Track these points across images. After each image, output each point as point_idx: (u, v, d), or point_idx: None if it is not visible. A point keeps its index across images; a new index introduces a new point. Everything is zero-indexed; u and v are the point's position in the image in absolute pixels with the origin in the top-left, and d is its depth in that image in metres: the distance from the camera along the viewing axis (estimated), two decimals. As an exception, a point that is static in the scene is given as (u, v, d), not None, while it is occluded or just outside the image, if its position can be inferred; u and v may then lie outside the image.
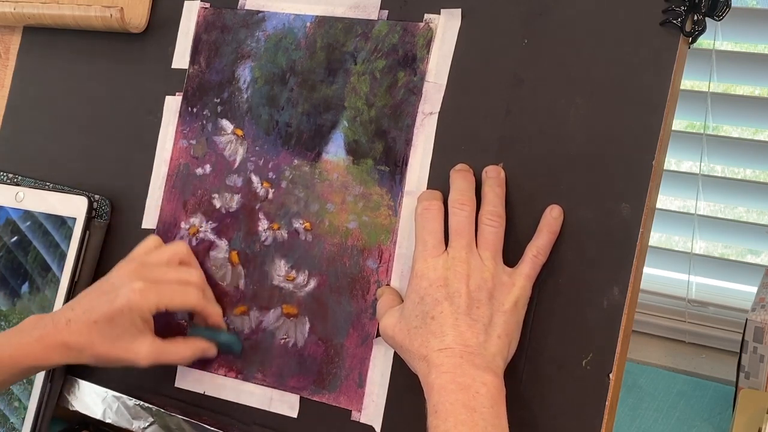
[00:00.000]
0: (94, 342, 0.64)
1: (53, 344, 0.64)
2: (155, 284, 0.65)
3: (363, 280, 0.66)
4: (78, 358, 0.65)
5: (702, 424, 0.87)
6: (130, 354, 0.65)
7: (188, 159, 0.74)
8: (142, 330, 0.65)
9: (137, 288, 0.64)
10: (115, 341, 0.64)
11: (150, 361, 0.65)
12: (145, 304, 0.64)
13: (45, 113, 0.83)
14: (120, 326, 0.64)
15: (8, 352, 0.64)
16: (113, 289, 0.65)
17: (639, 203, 0.58)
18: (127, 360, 0.65)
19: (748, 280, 1.05)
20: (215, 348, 0.69)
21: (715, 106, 1.01)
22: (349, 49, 0.68)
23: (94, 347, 0.64)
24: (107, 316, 0.64)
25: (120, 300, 0.64)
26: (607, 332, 0.58)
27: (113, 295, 0.64)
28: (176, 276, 0.67)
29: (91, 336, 0.64)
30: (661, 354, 1.06)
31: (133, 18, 0.77)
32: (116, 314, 0.64)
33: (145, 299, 0.64)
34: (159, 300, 0.65)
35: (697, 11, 0.57)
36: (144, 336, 0.65)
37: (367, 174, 0.67)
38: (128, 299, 0.64)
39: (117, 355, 0.65)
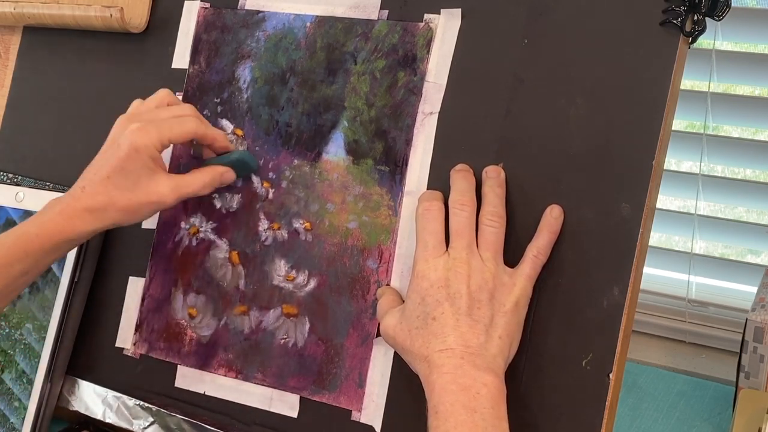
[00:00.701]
0: (114, 196, 0.64)
1: (75, 212, 0.64)
2: (152, 121, 0.65)
3: (363, 280, 0.66)
4: (104, 219, 0.64)
5: (702, 424, 0.87)
6: (153, 196, 0.65)
7: (188, 159, 0.74)
8: (154, 169, 0.65)
9: (135, 128, 0.64)
10: (134, 189, 0.64)
11: (174, 196, 0.65)
12: (149, 140, 0.64)
13: (45, 113, 0.83)
14: (133, 172, 0.64)
15: (34, 231, 0.64)
16: (113, 142, 0.65)
17: (639, 203, 0.58)
18: (153, 203, 0.65)
19: (748, 280, 1.05)
20: (232, 171, 0.69)
21: (715, 106, 1.01)
22: (349, 49, 0.68)
23: (116, 202, 0.64)
24: (118, 167, 0.64)
25: (123, 146, 0.64)
26: (607, 332, 0.58)
27: (115, 146, 0.64)
28: (169, 113, 0.67)
29: (108, 192, 0.64)
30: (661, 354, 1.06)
31: (133, 18, 0.77)
32: (125, 161, 0.64)
33: (147, 136, 0.64)
34: (160, 134, 0.65)
35: (697, 11, 0.57)
36: (159, 174, 0.65)
37: (367, 174, 0.67)
38: (131, 141, 0.64)
39: (139, 200, 0.64)
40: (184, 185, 0.66)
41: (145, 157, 0.64)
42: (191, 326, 0.72)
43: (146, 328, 0.74)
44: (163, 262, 0.74)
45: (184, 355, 0.72)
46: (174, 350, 0.72)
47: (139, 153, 0.64)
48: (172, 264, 0.73)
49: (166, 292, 0.74)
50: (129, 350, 0.75)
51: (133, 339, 0.75)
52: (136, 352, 0.74)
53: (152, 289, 0.74)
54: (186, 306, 0.72)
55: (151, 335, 0.74)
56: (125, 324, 0.75)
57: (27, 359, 0.76)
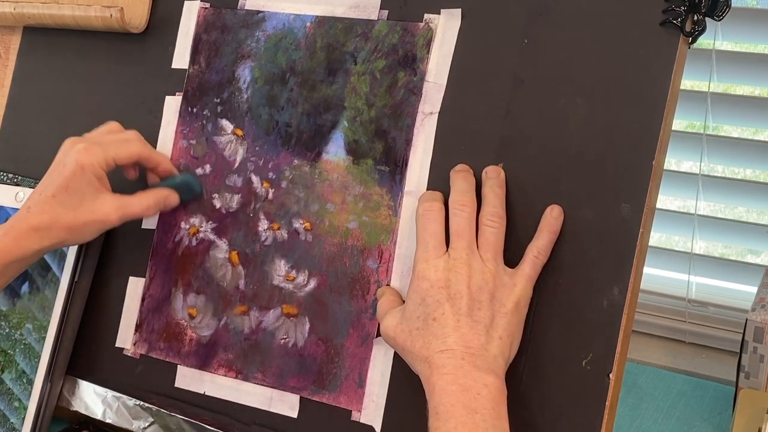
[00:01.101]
0: (59, 215, 0.65)
1: (20, 233, 0.65)
2: (97, 142, 0.68)
3: (363, 280, 0.66)
4: (50, 237, 0.66)
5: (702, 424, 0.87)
6: (97, 214, 0.66)
7: (188, 159, 0.74)
8: (99, 189, 0.67)
9: (81, 148, 0.66)
10: (78, 207, 0.66)
11: (117, 215, 0.67)
12: (94, 159, 0.66)
13: (45, 113, 0.83)
14: (77, 191, 0.65)
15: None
16: (59, 162, 0.67)
17: (639, 203, 0.58)
18: (97, 221, 0.66)
19: (748, 280, 1.05)
20: (176, 194, 0.71)
21: (715, 106, 1.01)
22: (349, 49, 0.68)
23: (60, 220, 0.65)
24: (62, 186, 0.65)
25: (69, 165, 0.66)
26: (607, 332, 0.58)
27: (61, 166, 0.66)
28: (114, 137, 0.70)
29: (53, 210, 0.65)
30: (661, 354, 1.06)
31: (133, 18, 0.77)
32: (70, 179, 0.65)
33: (92, 155, 0.66)
34: (105, 153, 0.67)
35: (697, 11, 0.57)
36: (103, 194, 0.67)
37: (367, 174, 0.67)
38: (76, 160, 0.65)
39: (84, 219, 0.66)
40: (127, 205, 0.68)
41: (89, 176, 0.66)
42: (191, 326, 0.72)
43: (146, 328, 0.74)
44: (163, 262, 0.74)
45: (184, 355, 0.72)
46: (174, 350, 0.72)
47: (84, 171, 0.65)
48: (172, 264, 0.73)
49: (166, 292, 0.74)
50: (129, 350, 0.75)
51: (133, 339, 0.75)
52: (136, 352, 0.74)
53: (152, 289, 0.74)
54: (186, 306, 0.72)
55: (151, 335, 0.74)
56: (125, 324, 0.75)
57: (27, 359, 0.76)
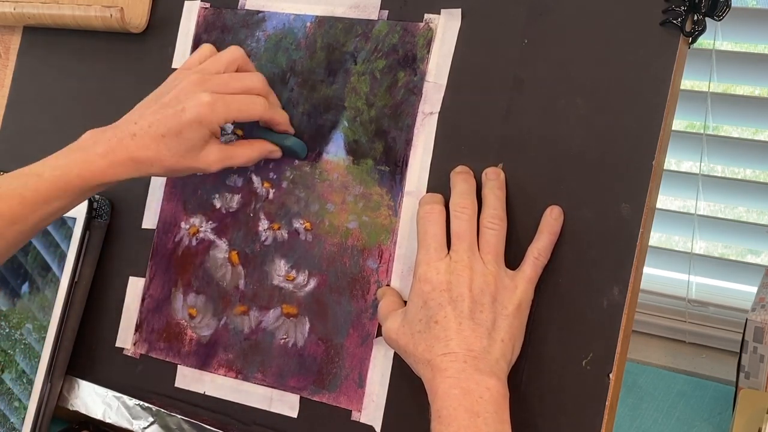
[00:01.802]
0: (163, 155, 0.63)
1: (121, 160, 0.63)
2: (222, 97, 0.63)
3: (363, 280, 0.66)
4: (147, 171, 0.64)
5: (702, 424, 0.87)
6: (200, 163, 0.64)
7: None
8: (209, 140, 0.64)
9: (206, 101, 0.62)
10: (184, 154, 0.63)
11: (219, 165, 0.65)
12: (214, 118, 0.63)
13: (45, 113, 0.83)
14: (189, 140, 0.63)
15: (75, 171, 0.63)
16: (178, 102, 0.63)
17: (639, 203, 0.58)
18: (198, 168, 0.65)
19: (748, 280, 1.05)
20: (280, 151, 0.69)
21: (715, 106, 1.01)
22: (349, 49, 0.68)
23: (163, 161, 0.63)
24: (175, 131, 0.62)
25: (189, 113, 0.62)
26: (607, 332, 0.58)
27: (179, 108, 0.63)
28: (241, 84, 0.65)
29: (159, 150, 0.63)
30: (661, 354, 1.06)
31: (133, 18, 0.77)
32: (185, 128, 0.62)
33: (215, 112, 0.63)
34: (227, 112, 0.64)
35: (697, 11, 0.57)
36: (212, 144, 0.64)
37: (367, 174, 0.67)
38: (198, 113, 0.62)
39: (187, 165, 0.64)
40: (231, 157, 0.66)
41: (204, 130, 0.63)
42: (191, 326, 0.72)
43: (146, 328, 0.74)
44: (163, 262, 0.74)
45: (184, 355, 0.72)
46: (174, 350, 0.72)
47: (201, 125, 0.63)
48: (172, 264, 0.73)
49: (166, 292, 0.74)
50: (129, 350, 0.75)
51: (133, 339, 0.75)
52: (136, 352, 0.74)
53: (152, 289, 0.74)
54: (186, 306, 0.72)
55: (151, 335, 0.74)
56: (125, 324, 0.75)
57: (27, 359, 0.76)
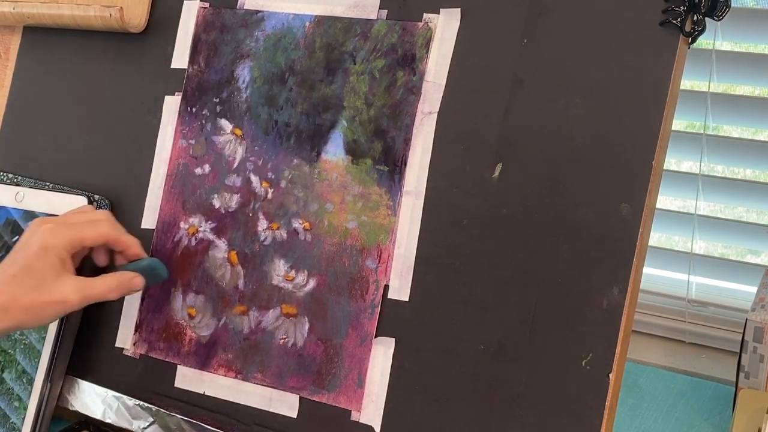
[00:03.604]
0: (17, 296, 0.63)
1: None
2: (64, 223, 0.66)
3: (362, 279, 0.65)
4: (7, 319, 0.63)
5: (702, 424, 0.87)
6: (57, 295, 0.64)
7: (187, 159, 0.74)
8: (61, 271, 0.65)
9: (48, 228, 0.65)
10: (38, 288, 0.63)
11: (78, 298, 0.65)
12: (58, 241, 0.64)
13: (45, 113, 0.83)
14: (39, 271, 0.64)
15: None
16: (24, 242, 0.65)
17: (639, 203, 0.58)
18: (56, 302, 0.64)
19: (748, 280, 1.04)
20: (141, 278, 0.69)
21: (715, 106, 1.01)
22: (348, 49, 0.68)
23: (19, 301, 0.63)
24: (24, 266, 0.64)
25: (33, 246, 0.64)
26: (607, 332, 0.58)
27: (26, 245, 0.65)
28: (84, 217, 0.68)
29: (12, 291, 0.63)
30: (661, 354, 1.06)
31: (132, 18, 0.77)
32: (33, 260, 0.64)
33: (58, 236, 0.65)
34: (72, 234, 0.65)
35: (697, 11, 0.57)
36: (65, 276, 0.65)
37: (366, 174, 0.67)
38: (41, 240, 0.64)
39: (43, 300, 0.64)
40: (89, 288, 0.66)
41: (53, 257, 0.64)
42: (191, 326, 0.72)
43: (146, 328, 0.74)
44: (162, 262, 0.74)
45: (183, 355, 0.72)
46: (174, 350, 0.72)
47: (47, 253, 0.64)
48: (172, 264, 0.73)
49: (165, 292, 0.73)
50: (129, 350, 0.75)
51: (133, 339, 0.75)
52: (136, 352, 0.74)
53: (152, 289, 0.74)
54: (185, 306, 0.72)
55: (151, 335, 0.74)
56: (125, 324, 0.75)
57: (27, 358, 0.76)
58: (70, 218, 0.68)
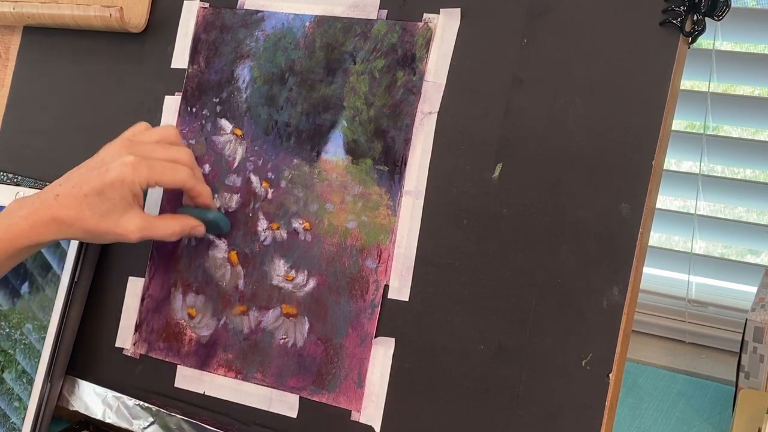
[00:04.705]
0: (84, 215, 0.63)
1: (42, 220, 0.63)
2: (146, 159, 0.65)
3: (362, 279, 0.66)
4: (68, 232, 0.64)
5: (702, 424, 0.87)
6: (120, 228, 0.64)
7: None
8: (131, 204, 0.64)
9: (129, 161, 0.64)
10: (105, 215, 0.63)
11: (139, 234, 0.65)
12: (136, 178, 0.64)
13: (45, 113, 0.83)
14: (110, 200, 0.63)
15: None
16: (103, 164, 0.64)
17: (639, 203, 0.58)
18: (117, 234, 0.65)
19: (748, 280, 1.04)
20: (203, 226, 0.69)
21: (715, 106, 1.01)
22: (348, 49, 0.68)
23: (84, 221, 0.63)
24: (98, 190, 0.63)
25: (111, 173, 0.63)
26: (607, 332, 0.58)
27: (104, 169, 0.64)
28: (167, 154, 0.66)
29: (81, 209, 0.63)
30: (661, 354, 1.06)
31: (132, 18, 0.77)
32: (107, 187, 0.63)
33: (137, 173, 0.64)
34: (150, 175, 0.64)
35: (697, 11, 0.57)
36: (134, 210, 0.65)
37: (366, 174, 0.67)
38: (120, 172, 0.63)
39: (107, 228, 0.64)
40: (152, 228, 0.66)
41: (126, 191, 0.64)
42: (191, 326, 0.72)
43: (146, 328, 0.74)
44: (162, 262, 0.74)
45: (183, 355, 0.72)
46: (174, 350, 0.72)
47: (123, 185, 0.63)
48: (172, 264, 0.73)
49: (165, 292, 0.74)
50: (129, 350, 0.75)
51: (132, 339, 0.75)
52: (136, 352, 0.74)
53: (152, 289, 0.74)
54: (185, 306, 0.72)
55: (151, 335, 0.74)
56: (125, 324, 0.75)
57: (27, 359, 0.76)
58: (154, 152, 0.66)
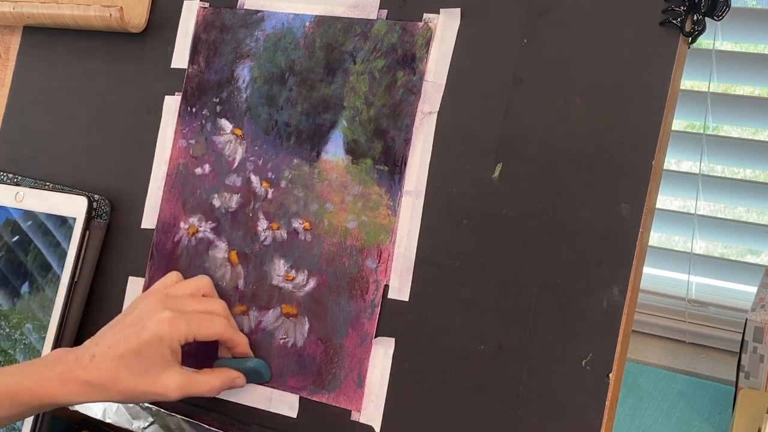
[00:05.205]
0: (120, 377, 0.61)
1: (75, 381, 0.61)
2: (183, 314, 0.63)
3: (362, 279, 0.66)
4: (101, 395, 0.62)
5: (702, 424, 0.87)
6: (159, 387, 0.62)
7: (187, 159, 0.74)
8: (170, 362, 0.62)
9: (166, 318, 0.62)
10: (143, 375, 0.61)
11: (179, 393, 0.62)
12: (175, 334, 0.62)
13: (45, 113, 0.83)
14: (148, 359, 0.61)
15: (28, 384, 0.61)
16: (139, 321, 0.62)
17: (639, 203, 0.58)
18: (156, 394, 0.62)
19: (748, 280, 1.05)
20: (244, 377, 0.67)
21: (715, 106, 1.01)
22: (348, 49, 0.68)
23: (120, 383, 0.61)
24: (135, 349, 0.61)
25: (148, 331, 0.61)
26: (607, 332, 0.58)
27: (140, 327, 0.62)
28: (202, 306, 0.65)
29: (116, 371, 0.61)
30: (661, 354, 1.06)
31: (132, 18, 0.77)
32: (144, 346, 0.61)
33: (175, 329, 0.62)
34: (188, 329, 0.62)
35: (697, 11, 0.57)
36: (172, 367, 0.62)
37: (366, 174, 0.67)
38: (157, 329, 0.61)
39: (144, 389, 0.61)
40: (193, 384, 0.63)
41: (165, 348, 0.61)
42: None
43: (146, 328, 0.74)
44: (162, 262, 0.74)
45: (183, 355, 0.72)
46: (173, 350, 0.72)
47: (161, 343, 0.61)
48: (172, 264, 0.73)
49: (165, 292, 0.73)
50: (128, 350, 0.75)
51: (132, 339, 0.74)
52: (135, 352, 0.74)
53: (152, 289, 0.74)
54: (185, 306, 0.72)
55: (151, 335, 0.73)
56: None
57: (27, 359, 0.76)
58: (188, 305, 0.64)
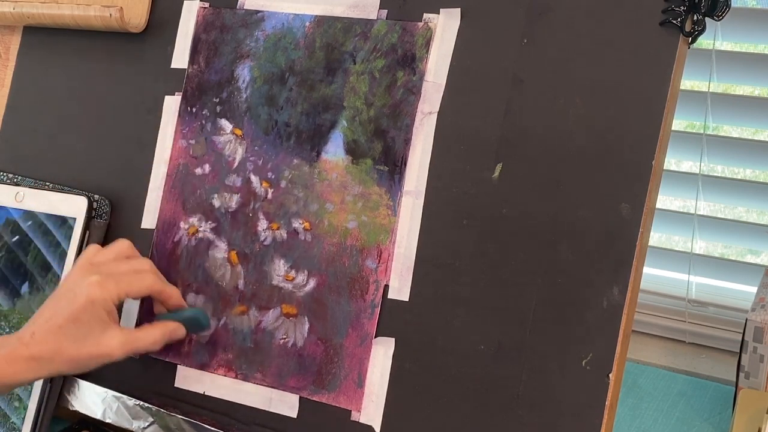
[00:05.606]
0: (63, 347, 0.63)
1: (21, 359, 0.62)
2: (111, 275, 0.65)
3: (362, 279, 0.66)
4: (49, 368, 0.63)
5: (702, 424, 0.87)
6: (102, 348, 0.64)
7: (187, 159, 0.74)
8: (108, 323, 0.64)
9: (95, 281, 0.64)
10: (84, 340, 0.63)
11: (122, 350, 0.65)
12: (106, 295, 0.64)
13: (45, 113, 0.83)
14: (86, 324, 0.63)
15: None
16: (69, 291, 0.65)
17: (639, 203, 0.58)
18: (101, 355, 0.64)
19: (748, 280, 1.04)
20: (183, 328, 0.69)
21: (715, 106, 1.01)
22: (348, 49, 0.68)
23: (64, 352, 0.63)
24: (71, 317, 0.63)
25: (81, 297, 0.64)
26: (607, 332, 0.58)
27: (71, 295, 0.64)
28: (129, 266, 0.67)
29: (58, 341, 0.63)
30: (661, 354, 1.06)
31: (132, 18, 0.77)
32: (80, 312, 0.63)
33: (106, 290, 0.64)
34: (119, 289, 0.65)
35: (697, 11, 0.57)
36: (111, 328, 0.64)
37: (366, 174, 0.67)
38: (89, 293, 0.64)
39: (89, 352, 0.64)
40: (134, 340, 0.65)
41: (99, 310, 0.64)
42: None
43: (146, 328, 0.74)
44: (162, 262, 0.74)
45: (183, 355, 0.72)
46: (174, 350, 0.72)
47: (94, 305, 0.63)
48: (172, 264, 0.73)
49: (165, 292, 0.73)
50: (128, 350, 0.75)
51: (132, 339, 0.74)
52: (135, 352, 0.74)
53: (152, 289, 0.74)
54: (185, 306, 0.72)
55: (151, 335, 0.74)
56: (125, 323, 0.75)
57: (27, 359, 0.76)
58: (115, 267, 0.67)
